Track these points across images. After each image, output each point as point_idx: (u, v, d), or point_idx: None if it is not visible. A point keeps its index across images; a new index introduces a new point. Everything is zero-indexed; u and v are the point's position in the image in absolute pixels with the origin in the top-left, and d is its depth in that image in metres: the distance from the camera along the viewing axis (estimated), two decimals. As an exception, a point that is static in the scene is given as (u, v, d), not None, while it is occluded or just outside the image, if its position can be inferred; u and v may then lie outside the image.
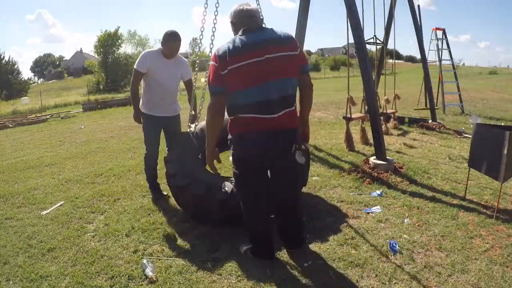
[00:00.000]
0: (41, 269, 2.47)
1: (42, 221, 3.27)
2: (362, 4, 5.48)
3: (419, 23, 7.67)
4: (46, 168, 5.27)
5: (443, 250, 2.55)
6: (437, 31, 10.58)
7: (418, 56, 8.63)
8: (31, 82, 46.94)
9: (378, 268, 2.34)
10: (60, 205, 3.66)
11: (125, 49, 38.85)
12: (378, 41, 6.26)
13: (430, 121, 7.56)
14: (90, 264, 2.51)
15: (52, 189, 4.19)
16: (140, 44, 46.58)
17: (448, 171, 4.37)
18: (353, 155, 5.06)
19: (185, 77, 3.62)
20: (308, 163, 3.44)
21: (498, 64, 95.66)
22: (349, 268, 2.35)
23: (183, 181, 2.89)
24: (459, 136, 6.61)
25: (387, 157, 4.36)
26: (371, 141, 4.82)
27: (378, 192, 3.60)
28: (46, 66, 77.22)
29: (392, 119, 7.18)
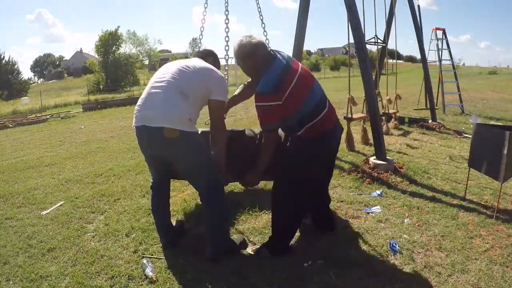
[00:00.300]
0: (41, 269, 2.47)
1: (42, 221, 3.27)
2: (363, 4, 5.50)
3: (419, 23, 7.68)
4: (46, 168, 5.27)
5: (443, 250, 2.55)
6: (437, 31, 10.58)
7: (418, 56, 8.65)
8: (31, 82, 46.98)
9: (378, 268, 2.34)
10: (60, 205, 3.66)
11: (125, 49, 38.87)
12: (379, 41, 6.26)
13: (430, 121, 7.56)
14: (90, 264, 2.51)
15: (52, 189, 4.19)
16: (140, 44, 46.44)
17: (448, 171, 4.37)
18: (353, 155, 5.06)
19: None
20: None
21: (498, 64, 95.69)
22: (349, 268, 2.34)
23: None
24: (459, 136, 6.62)
25: (387, 157, 4.36)
26: (371, 141, 4.83)
27: (378, 192, 3.61)
28: (46, 66, 77.21)
29: (393, 119, 7.19)
